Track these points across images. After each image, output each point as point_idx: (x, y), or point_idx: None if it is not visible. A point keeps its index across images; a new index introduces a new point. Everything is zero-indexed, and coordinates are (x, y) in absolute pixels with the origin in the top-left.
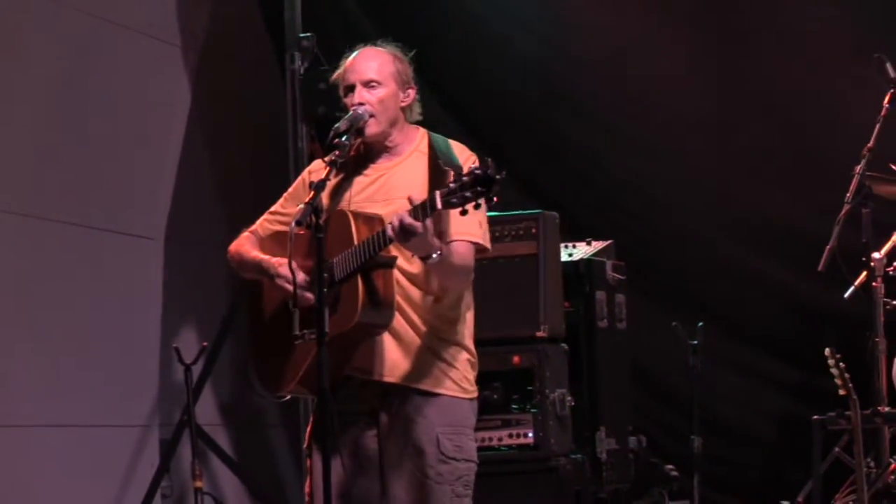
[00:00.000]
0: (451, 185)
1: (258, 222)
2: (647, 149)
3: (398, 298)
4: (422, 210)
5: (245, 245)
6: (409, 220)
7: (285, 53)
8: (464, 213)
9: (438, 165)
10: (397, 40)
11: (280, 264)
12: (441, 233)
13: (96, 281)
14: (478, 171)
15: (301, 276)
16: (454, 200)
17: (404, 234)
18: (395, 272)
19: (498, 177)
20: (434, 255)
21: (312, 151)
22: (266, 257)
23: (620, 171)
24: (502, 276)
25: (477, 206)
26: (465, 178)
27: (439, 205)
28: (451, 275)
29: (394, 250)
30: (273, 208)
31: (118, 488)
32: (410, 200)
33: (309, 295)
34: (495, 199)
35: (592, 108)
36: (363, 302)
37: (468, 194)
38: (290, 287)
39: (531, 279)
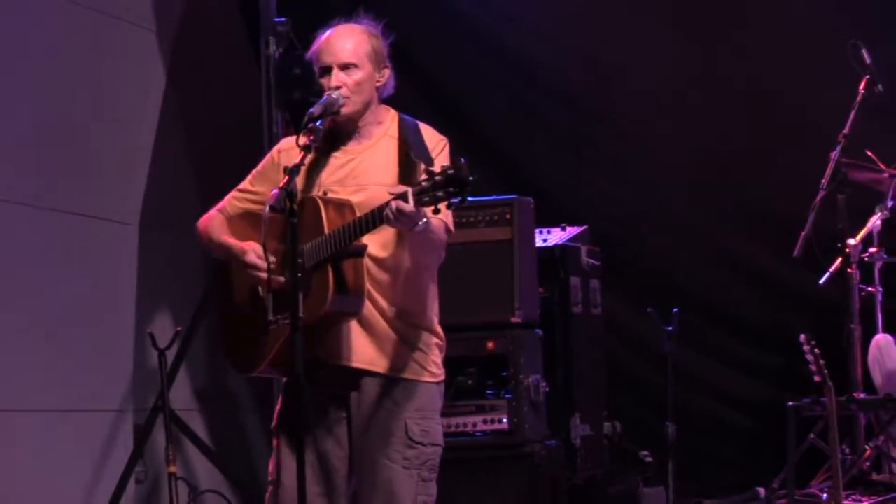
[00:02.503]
0: (424, 183)
1: (226, 199)
2: (623, 135)
3: (369, 287)
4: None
5: (214, 226)
6: (409, 207)
7: (260, 38)
8: (436, 212)
9: (409, 156)
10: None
11: (247, 250)
12: None
13: (70, 266)
14: (450, 172)
15: (272, 261)
16: (426, 199)
17: (400, 219)
18: (365, 259)
19: (471, 178)
20: (420, 223)
21: (288, 136)
22: (234, 242)
23: (595, 157)
24: (477, 262)
25: (449, 206)
26: (437, 178)
27: (411, 202)
28: (429, 248)
29: (364, 238)
30: (241, 186)
31: (92, 473)
32: (390, 193)
33: (280, 278)
34: (467, 199)
35: (569, 93)
36: (333, 290)
37: (440, 194)
38: (260, 274)
39: (506, 265)
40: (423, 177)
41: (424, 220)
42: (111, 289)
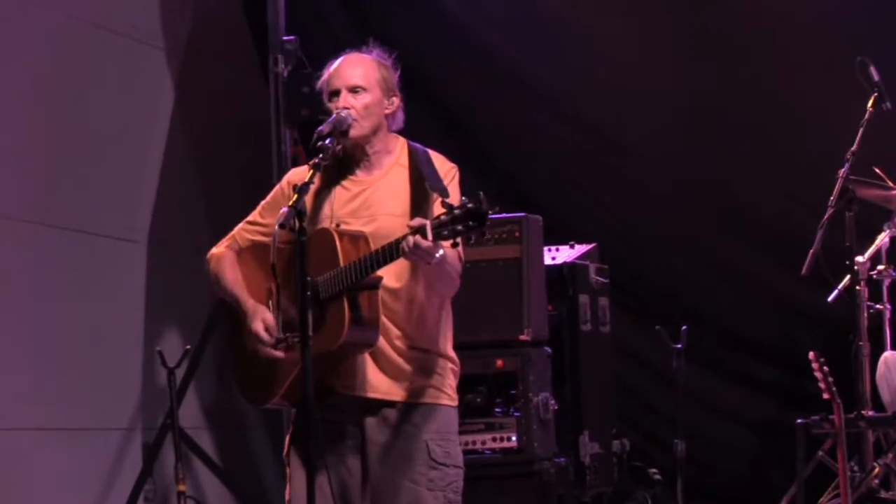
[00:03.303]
0: (443, 217)
1: (236, 231)
2: (631, 152)
3: (383, 317)
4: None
5: (224, 268)
6: (426, 243)
7: (269, 56)
8: (454, 245)
9: (422, 185)
10: (381, 44)
11: (256, 317)
12: None
13: (79, 284)
14: (470, 206)
15: (270, 334)
16: (445, 233)
17: (417, 253)
18: (380, 290)
19: (490, 212)
20: (437, 257)
21: (296, 154)
22: (245, 298)
23: (604, 175)
24: (486, 280)
25: (468, 241)
26: (457, 212)
27: (430, 237)
28: (443, 279)
29: (380, 270)
30: (250, 217)
31: (101, 492)
32: (409, 226)
33: (277, 354)
34: (486, 234)
35: (575, 110)
36: (349, 323)
37: (460, 228)
38: (262, 348)
39: (514, 283)
40: (442, 210)
41: (440, 252)
42: (120, 307)
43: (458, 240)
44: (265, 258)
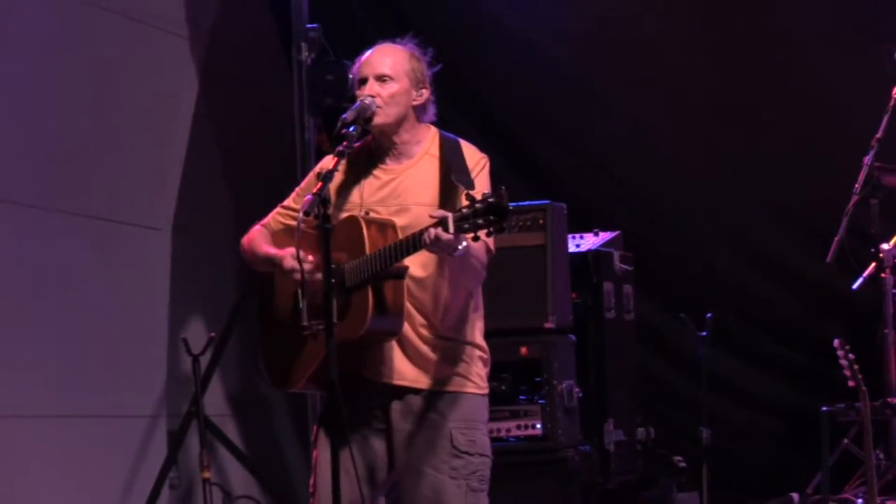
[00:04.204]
0: (465, 210)
1: (270, 216)
2: (657, 138)
3: (408, 305)
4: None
5: (256, 239)
6: (447, 236)
7: (292, 44)
8: (475, 239)
9: (450, 179)
10: (404, 31)
11: (284, 256)
12: None
13: (104, 272)
14: (491, 200)
15: (309, 261)
16: (466, 226)
17: (438, 245)
18: (406, 279)
19: (511, 207)
20: (459, 249)
21: (319, 142)
22: (275, 251)
23: (629, 161)
24: (510, 268)
25: (489, 234)
26: (478, 206)
27: (451, 230)
28: (468, 272)
29: (406, 259)
30: (285, 203)
31: (126, 479)
32: (431, 217)
33: (317, 275)
34: (504, 230)
35: (601, 97)
36: (372, 311)
37: (480, 221)
38: (297, 276)
39: (539, 270)
40: (464, 203)
41: (464, 245)
42: (144, 294)
43: (480, 233)
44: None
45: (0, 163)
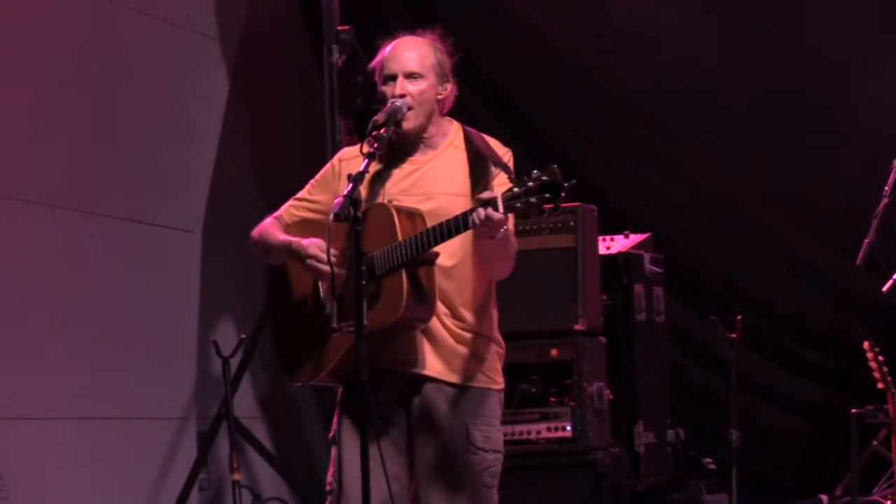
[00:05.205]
0: (516, 189)
1: (283, 208)
2: (685, 140)
3: None
4: (485, 207)
5: (269, 229)
6: (498, 215)
7: (323, 46)
8: (526, 217)
9: (482, 164)
10: (439, 31)
11: (309, 245)
12: None
13: (134, 273)
14: (545, 178)
15: (334, 255)
16: (518, 205)
17: (487, 225)
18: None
19: (567, 185)
20: (502, 230)
21: (350, 144)
22: (295, 239)
23: (659, 163)
24: (541, 269)
25: (541, 213)
26: (530, 184)
27: (501, 208)
28: (504, 257)
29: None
30: (300, 195)
31: (156, 481)
32: (478, 199)
33: (342, 270)
34: (559, 208)
35: (633, 100)
36: (408, 296)
37: (533, 200)
38: (322, 267)
39: (569, 272)
40: (511, 184)
41: (505, 227)
42: (175, 296)
43: (531, 212)
44: (314, 234)
45: (33, 165)
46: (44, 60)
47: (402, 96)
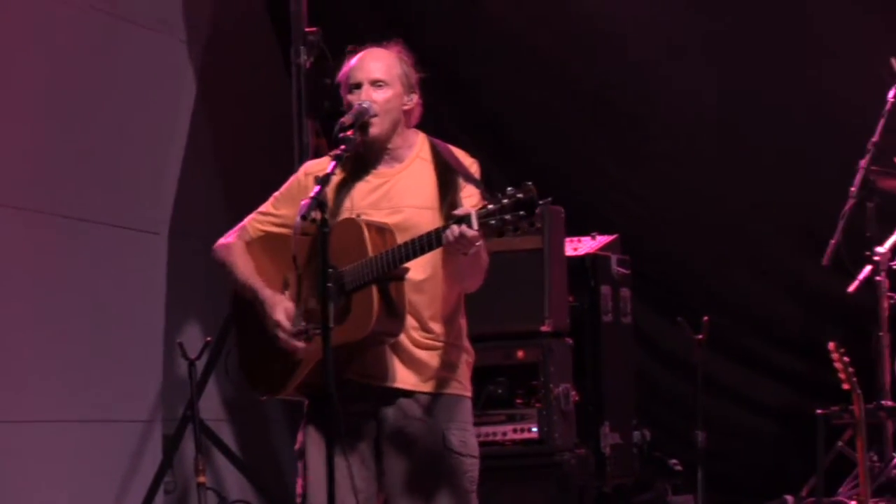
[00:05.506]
0: (491, 206)
1: (246, 221)
2: (655, 142)
3: None
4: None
5: (235, 258)
6: (472, 232)
7: (291, 48)
8: (500, 235)
9: (450, 177)
10: (402, 34)
11: (277, 306)
12: None
13: (100, 276)
14: (520, 196)
15: (289, 323)
16: (493, 223)
17: (461, 242)
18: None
19: (542, 202)
20: (477, 244)
21: (317, 146)
22: (262, 288)
23: (626, 165)
24: (507, 271)
25: (516, 230)
26: (505, 202)
27: (475, 226)
28: (476, 272)
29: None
30: (263, 208)
31: (121, 484)
32: (453, 216)
33: (298, 344)
34: (538, 225)
35: (601, 101)
36: (378, 312)
37: (508, 217)
38: (282, 335)
39: (536, 274)
40: (484, 201)
41: (479, 243)
42: (141, 299)
43: (505, 229)
44: (278, 249)
45: None
46: (6, 61)
47: (368, 102)
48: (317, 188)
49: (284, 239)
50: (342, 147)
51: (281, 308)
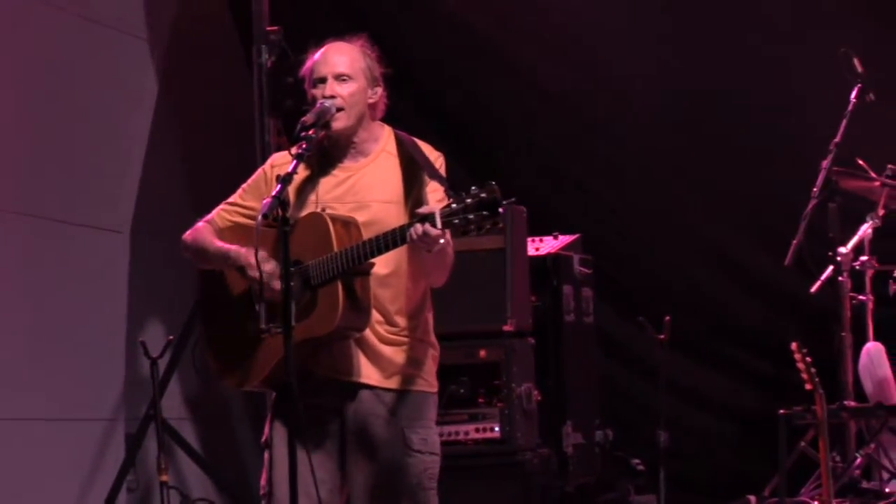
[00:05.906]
0: (455, 206)
1: (214, 212)
2: (616, 142)
3: None
4: (423, 223)
5: (204, 234)
6: (435, 231)
7: (252, 47)
8: (465, 233)
9: (415, 172)
10: (365, 32)
11: (250, 254)
12: None
13: (62, 274)
14: (483, 195)
15: (270, 266)
16: (456, 222)
17: (425, 240)
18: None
19: (505, 202)
20: (441, 241)
21: (279, 145)
22: (234, 247)
23: (589, 165)
24: (469, 270)
25: (479, 229)
26: (469, 201)
27: (439, 225)
28: (441, 267)
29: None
30: (231, 199)
31: (83, 482)
32: (417, 214)
33: (277, 284)
34: (500, 224)
35: (562, 99)
36: (343, 306)
37: (471, 217)
38: (257, 276)
39: (498, 273)
40: (448, 198)
41: (443, 240)
42: (103, 297)
43: (468, 229)
44: (245, 239)
45: None
46: None
47: (332, 97)
48: (278, 187)
49: (252, 230)
50: (303, 145)
51: (252, 255)
